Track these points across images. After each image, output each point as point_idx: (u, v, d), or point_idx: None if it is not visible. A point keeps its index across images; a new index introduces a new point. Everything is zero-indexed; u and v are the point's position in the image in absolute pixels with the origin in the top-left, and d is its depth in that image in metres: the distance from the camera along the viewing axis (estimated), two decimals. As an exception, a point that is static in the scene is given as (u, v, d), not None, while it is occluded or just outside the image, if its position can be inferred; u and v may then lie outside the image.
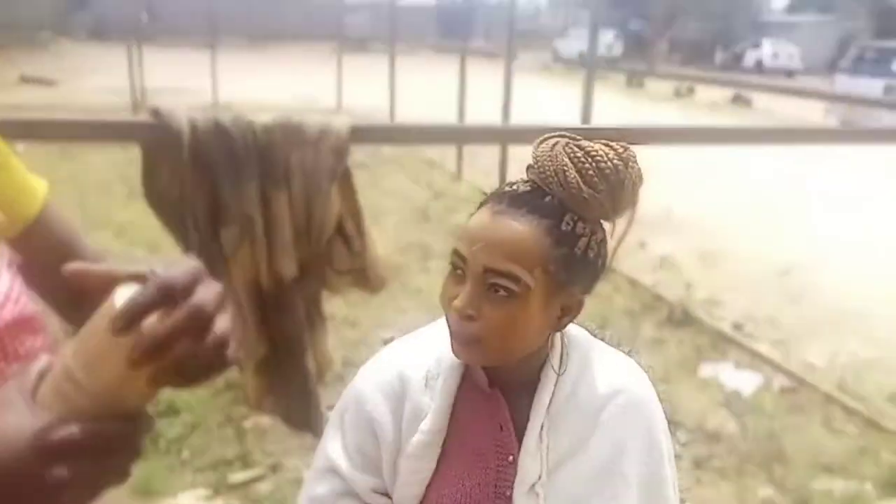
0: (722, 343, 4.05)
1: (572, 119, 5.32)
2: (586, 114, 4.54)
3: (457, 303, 0.83)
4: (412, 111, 11.28)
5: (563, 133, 0.89)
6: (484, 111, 8.09)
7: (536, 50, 31.36)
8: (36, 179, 0.82)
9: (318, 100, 13.32)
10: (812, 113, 14.38)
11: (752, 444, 3.06)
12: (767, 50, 30.09)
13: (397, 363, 0.98)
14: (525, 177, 0.88)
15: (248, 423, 2.98)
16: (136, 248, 5.15)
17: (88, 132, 1.83)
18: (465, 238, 0.84)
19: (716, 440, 3.10)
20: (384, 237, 4.82)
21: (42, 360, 0.52)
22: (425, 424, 0.92)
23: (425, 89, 14.04)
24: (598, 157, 0.83)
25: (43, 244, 0.74)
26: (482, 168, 8.15)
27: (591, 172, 0.82)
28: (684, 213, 6.77)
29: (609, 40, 27.32)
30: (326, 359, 2.13)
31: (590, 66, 4.67)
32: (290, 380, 1.94)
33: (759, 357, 3.88)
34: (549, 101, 14.06)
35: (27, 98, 11.55)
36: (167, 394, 3.17)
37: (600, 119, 4.82)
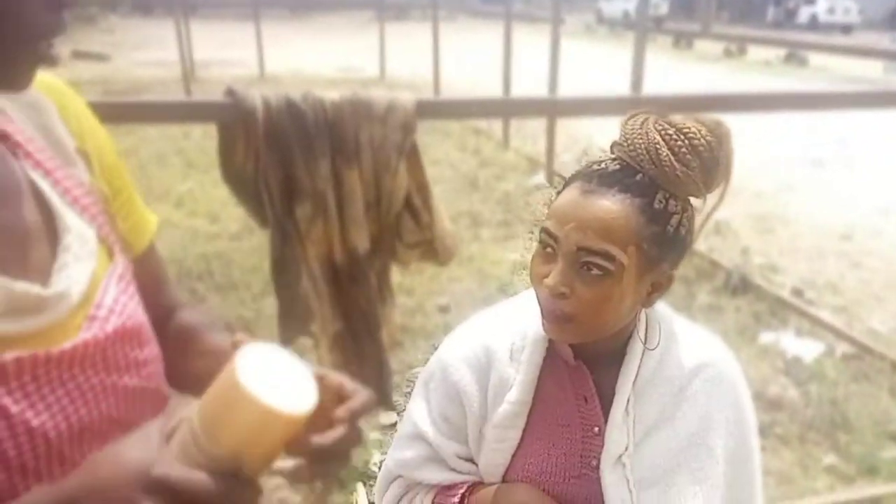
0: (781, 310, 3.99)
1: (622, 84, 5.21)
2: (637, 79, 4.45)
3: (548, 280, 0.83)
4: (456, 78, 11.20)
5: (650, 110, 0.87)
6: (528, 77, 7.99)
7: (579, 11, 30.61)
8: (149, 213, 0.85)
9: (362, 69, 13.33)
10: (871, 70, 13.78)
11: (814, 412, 3.03)
12: (822, 4, 28.70)
13: (482, 335, 0.99)
14: (611, 153, 0.87)
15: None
16: (195, 218, 5.30)
17: (168, 113, 1.89)
18: (556, 217, 0.84)
19: (777, 407, 3.08)
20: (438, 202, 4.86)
21: (178, 417, 0.57)
22: (511, 395, 0.94)
23: (468, 55, 13.91)
24: (692, 135, 0.82)
25: (140, 280, 0.74)
26: (529, 135, 8.09)
27: (684, 150, 0.81)
28: (739, 176, 6.54)
29: (655, -1, 26.45)
30: (395, 333, 2.18)
31: (640, 30, 4.55)
32: (364, 354, 2.00)
33: (821, 324, 3.82)
34: (595, 64, 13.78)
35: (82, 73, 11.83)
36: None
37: (651, 83, 4.71)
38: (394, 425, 1.14)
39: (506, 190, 6.29)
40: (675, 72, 13.41)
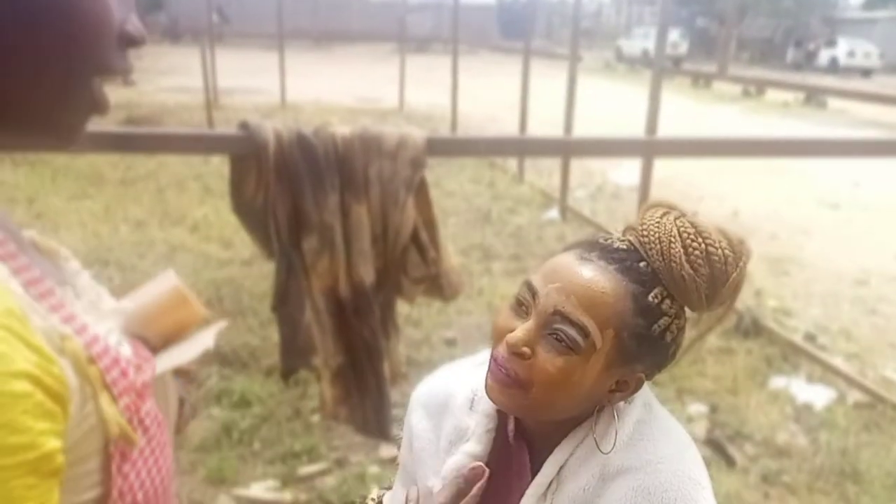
0: (793, 355, 3.94)
1: (638, 122, 5.25)
2: (652, 120, 4.48)
3: (511, 336, 0.76)
4: (474, 111, 11.32)
5: (676, 206, 0.82)
6: (546, 112, 8.06)
7: (599, 48, 30.94)
8: None
9: (381, 99, 13.52)
10: (891, 114, 13.75)
11: (823, 461, 2.97)
12: (843, 48, 28.81)
13: (447, 379, 0.94)
14: (621, 235, 0.82)
15: (315, 417, 3.08)
16: (209, 243, 5.35)
17: (183, 145, 1.94)
18: (542, 273, 0.78)
19: (785, 455, 3.02)
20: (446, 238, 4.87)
21: None
22: (468, 446, 0.87)
23: (487, 89, 14.07)
24: (709, 241, 0.77)
25: None
26: (544, 170, 8.13)
27: (697, 252, 0.76)
28: (753, 217, 6.58)
29: (675, 38, 26.70)
30: (399, 366, 2.18)
31: (657, 71, 4.59)
32: (366, 388, 2.00)
33: (833, 370, 3.76)
34: (613, 102, 13.86)
35: (109, 97, 12.07)
36: (240, 386, 3.29)
37: (667, 122, 4.73)
38: (394, 459, 1.13)
39: (518, 224, 6.31)
40: (693, 111, 13.46)
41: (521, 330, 0.76)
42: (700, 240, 0.76)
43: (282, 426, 3.03)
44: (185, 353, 0.73)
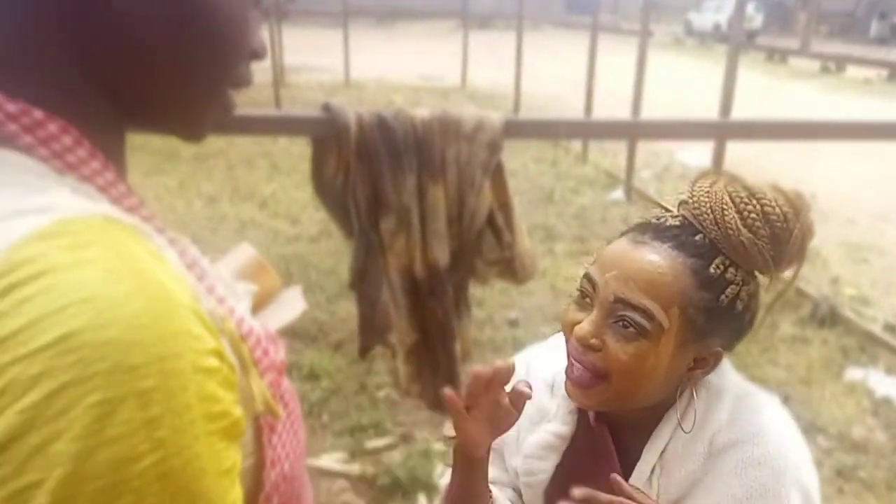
0: (871, 345, 3.79)
1: (710, 100, 5.07)
2: (727, 98, 4.32)
3: (579, 329, 0.76)
4: (537, 89, 11.17)
5: (725, 173, 0.81)
6: (613, 88, 7.89)
7: (667, 23, 29.95)
8: None
9: (443, 77, 13.49)
10: (985, 92, 12.88)
11: (904, 458, 2.87)
12: (933, 20, 27.03)
13: (529, 360, 0.96)
14: (676, 211, 0.81)
15: (381, 392, 3.15)
16: (277, 219, 5.50)
17: (267, 126, 2.00)
18: (598, 263, 0.78)
19: (862, 450, 2.93)
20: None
21: None
22: (552, 426, 0.89)
23: (551, 66, 13.85)
24: (765, 201, 0.75)
25: None
26: (609, 149, 7.98)
27: (753, 215, 0.74)
28: (831, 202, 6.32)
29: (749, 11, 25.57)
30: (469, 345, 2.21)
31: (733, 46, 4.42)
32: (438, 366, 2.04)
33: (915, 364, 3.61)
34: (683, 79, 13.44)
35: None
36: (309, 360, 3.38)
37: (740, 100, 4.55)
38: (458, 437, 1.14)
39: (582, 204, 6.23)
40: (768, 88, 12.93)
41: (588, 322, 0.76)
42: (754, 201, 0.75)
43: (349, 400, 3.12)
44: (281, 316, 0.75)
